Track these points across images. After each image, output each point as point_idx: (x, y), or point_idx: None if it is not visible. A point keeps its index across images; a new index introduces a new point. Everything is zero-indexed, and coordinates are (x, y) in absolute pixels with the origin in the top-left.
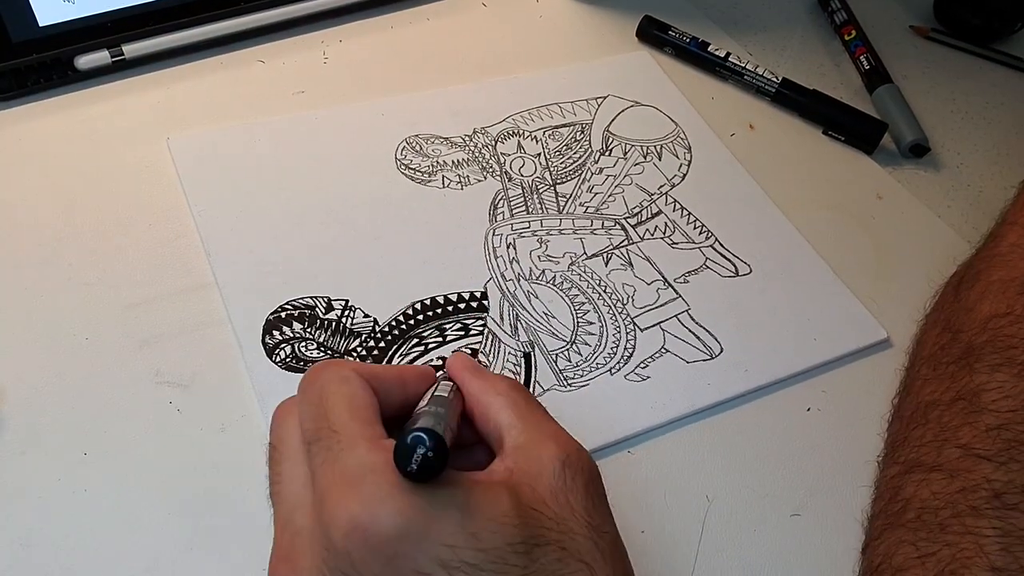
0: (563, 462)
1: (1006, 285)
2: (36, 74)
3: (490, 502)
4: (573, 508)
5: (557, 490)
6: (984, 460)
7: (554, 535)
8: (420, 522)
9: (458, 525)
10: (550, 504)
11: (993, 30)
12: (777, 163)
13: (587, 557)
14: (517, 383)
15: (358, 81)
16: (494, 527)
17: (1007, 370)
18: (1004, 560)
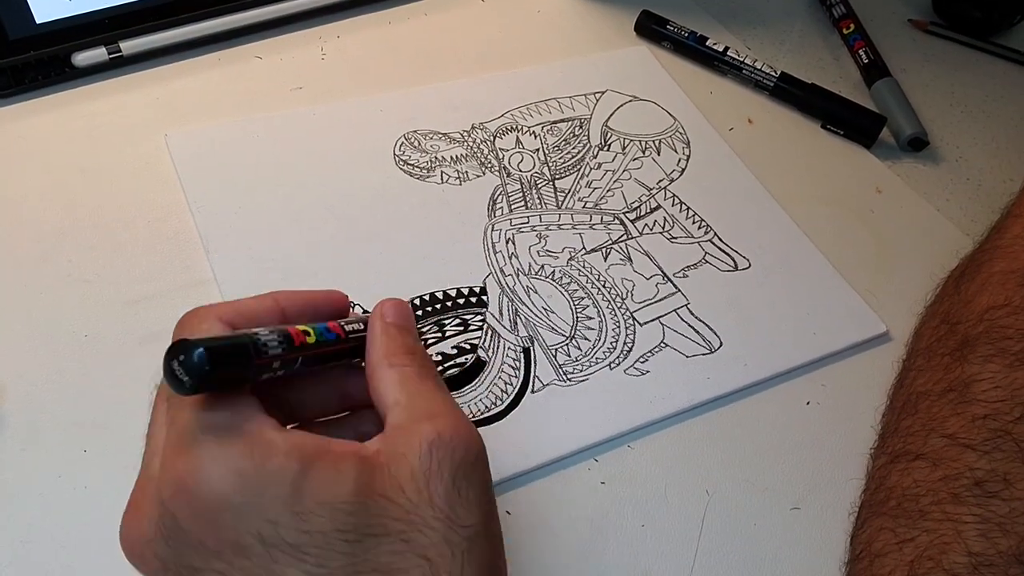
0: (432, 444)
1: (1006, 277)
2: (33, 71)
3: (328, 482)
4: (432, 497)
5: (419, 475)
6: (968, 449)
7: (398, 526)
8: (245, 492)
9: (285, 502)
10: (406, 490)
11: (992, 23)
12: (776, 157)
13: (431, 552)
14: (418, 356)
15: (356, 77)
16: (324, 511)
17: (999, 361)
18: (981, 545)
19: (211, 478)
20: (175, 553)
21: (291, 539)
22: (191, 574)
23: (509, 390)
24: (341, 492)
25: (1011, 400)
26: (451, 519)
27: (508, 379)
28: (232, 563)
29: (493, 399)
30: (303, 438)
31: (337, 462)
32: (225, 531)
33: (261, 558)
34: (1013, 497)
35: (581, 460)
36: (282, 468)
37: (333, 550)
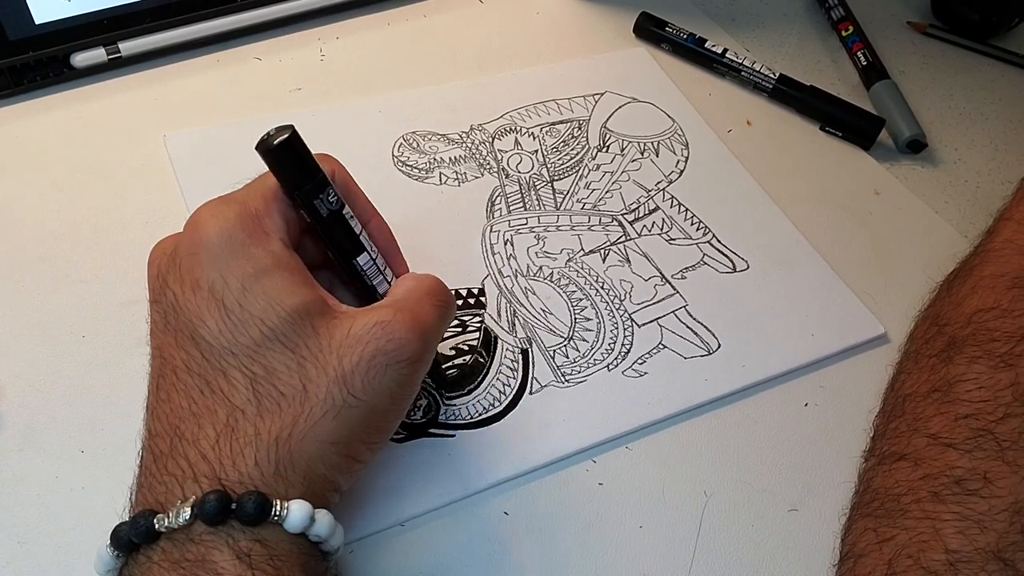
0: (378, 323)
1: (996, 280)
2: (32, 72)
3: (283, 288)
4: (343, 355)
5: (351, 336)
6: (950, 448)
7: (304, 352)
8: (222, 250)
9: (243, 275)
10: (332, 338)
11: (991, 26)
12: (775, 159)
13: (311, 387)
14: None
15: (355, 78)
16: (263, 300)
17: (985, 362)
18: (959, 543)
19: (213, 227)
20: (166, 267)
21: (227, 301)
22: (163, 285)
23: (507, 391)
24: (285, 300)
25: (994, 400)
26: (346, 381)
27: (506, 380)
28: (184, 292)
29: (491, 400)
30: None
31: (302, 284)
32: (196, 266)
33: (202, 300)
34: (992, 495)
35: (579, 461)
36: (258, 256)
37: (248, 331)
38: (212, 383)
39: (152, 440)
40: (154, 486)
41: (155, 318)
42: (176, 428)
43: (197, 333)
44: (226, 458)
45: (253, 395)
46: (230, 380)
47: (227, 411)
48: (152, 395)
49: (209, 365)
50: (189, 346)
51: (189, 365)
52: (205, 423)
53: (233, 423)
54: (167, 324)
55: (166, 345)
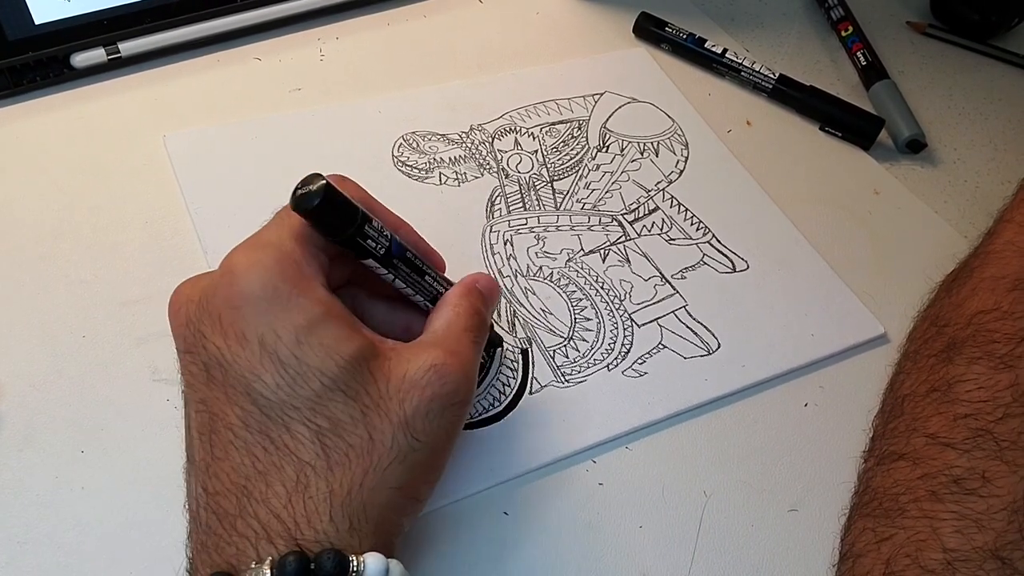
0: (434, 367)
1: (996, 282)
2: (32, 72)
3: (336, 337)
4: (404, 400)
5: (408, 380)
6: (948, 447)
7: (365, 399)
8: (269, 303)
9: (296, 327)
10: (391, 382)
11: (990, 25)
12: (774, 159)
13: (376, 434)
14: (477, 318)
15: (355, 78)
16: (320, 351)
17: (985, 363)
18: (957, 542)
19: (255, 277)
20: (199, 316)
21: (283, 354)
22: (199, 337)
23: (507, 391)
24: (342, 348)
25: (993, 401)
26: (408, 424)
27: (506, 380)
28: (230, 346)
29: (491, 400)
30: (339, 303)
31: (353, 331)
32: (239, 319)
33: (253, 353)
34: (991, 494)
35: (579, 461)
36: (308, 306)
37: (308, 383)
38: (276, 439)
39: (214, 499)
40: (223, 547)
41: (192, 370)
42: (242, 487)
43: (252, 388)
44: (300, 516)
45: (321, 449)
46: (294, 435)
47: (295, 467)
48: (205, 452)
49: (270, 421)
50: (244, 402)
51: (247, 421)
52: (273, 480)
53: (304, 480)
54: (211, 378)
55: (214, 400)
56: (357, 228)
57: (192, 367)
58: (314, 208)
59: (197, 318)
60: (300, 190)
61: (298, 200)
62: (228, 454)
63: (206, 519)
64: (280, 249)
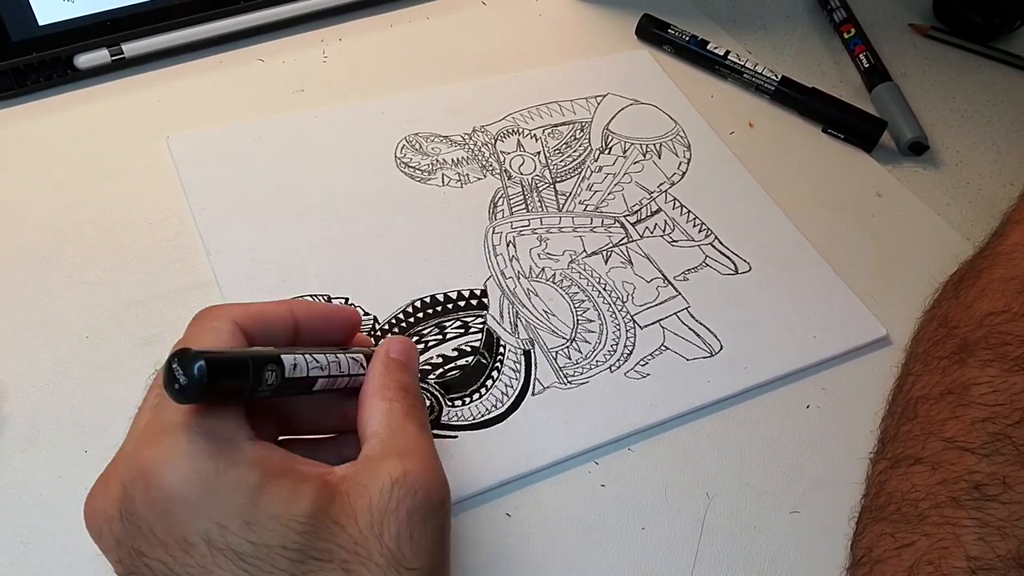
0: (395, 482)
1: (1006, 283)
2: (36, 73)
3: (285, 499)
4: (382, 533)
5: (375, 509)
6: (967, 452)
7: (342, 554)
8: (199, 493)
9: (237, 509)
10: (359, 521)
11: (993, 28)
12: (777, 161)
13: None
14: (409, 395)
15: (358, 79)
16: (274, 525)
17: (998, 365)
18: (980, 550)
19: (171, 471)
20: (128, 534)
21: (236, 546)
22: (137, 557)
23: (510, 392)
24: (294, 511)
25: (1010, 404)
26: (397, 558)
27: (509, 381)
28: (175, 557)
29: (493, 401)
30: (271, 453)
31: (298, 482)
32: (174, 525)
33: (203, 558)
34: (1012, 500)
35: (582, 463)
36: (242, 477)
37: (275, 565)
38: None
39: None
40: None
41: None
42: None
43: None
44: None
45: None
46: None
47: None
48: None
49: None
50: None
51: None
52: None
53: None
54: None
55: None
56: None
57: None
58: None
59: (127, 536)
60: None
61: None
62: None
63: None
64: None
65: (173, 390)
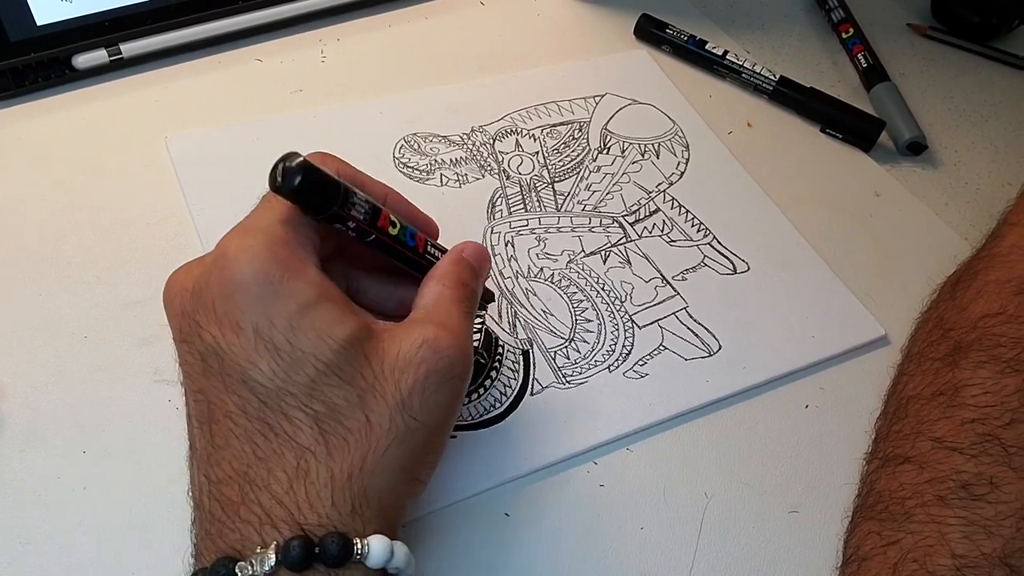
0: (425, 342)
1: (1002, 286)
2: (34, 73)
3: (330, 320)
4: (399, 380)
5: (401, 358)
6: (956, 452)
7: (361, 383)
8: (261, 290)
9: (288, 313)
10: (385, 364)
11: (991, 28)
12: (775, 161)
13: (374, 417)
14: (465, 290)
15: (356, 79)
16: (313, 336)
17: (991, 367)
18: (965, 548)
19: (245, 263)
20: (193, 305)
21: (277, 341)
22: (194, 327)
23: (508, 392)
24: (335, 332)
25: (1000, 406)
26: (405, 404)
27: (507, 381)
28: (224, 335)
29: (492, 401)
30: (331, 284)
31: (347, 312)
32: (233, 308)
33: (247, 341)
34: (999, 500)
35: (580, 463)
36: (300, 290)
37: (303, 369)
38: (274, 426)
39: (216, 487)
40: (226, 533)
41: (189, 360)
42: (243, 474)
43: (249, 376)
44: (303, 502)
45: (319, 434)
46: (292, 421)
47: (295, 453)
48: (205, 441)
49: (267, 408)
50: (242, 390)
51: (245, 409)
52: (274, 467)
53: (304, 465)
54: (208, 368)
55: (212, 389)
56: (341, 204)
57: (188, 356)
58: (295, 188)
59: (192, 308)
60: (279, 170)
61: (278, 182)
62: (228, 442)
63: (209, 506)
64: (269, 233)
65: (273, 180)
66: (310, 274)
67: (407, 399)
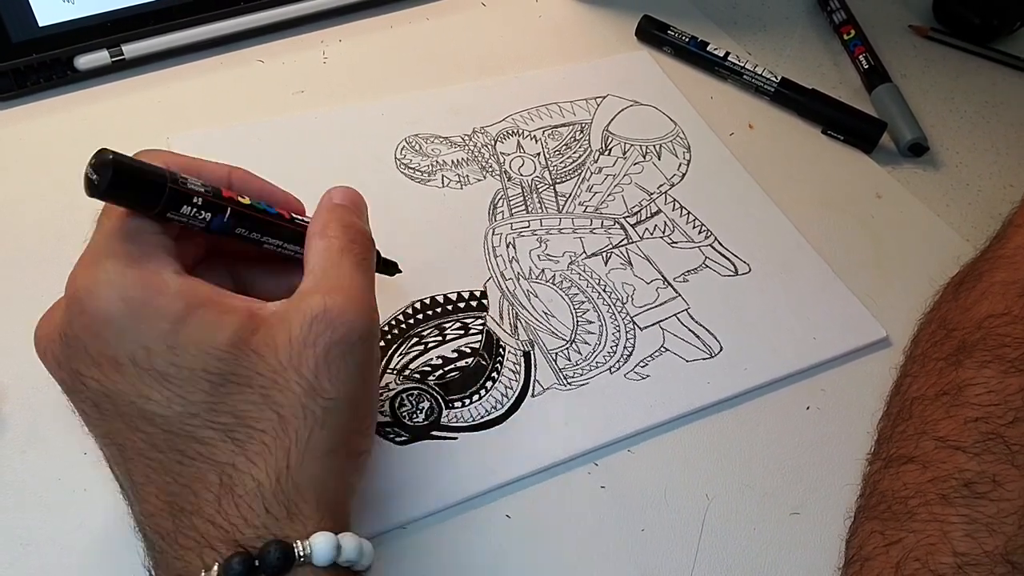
0: (315, 317)
1: (1007, 287)
2: (36, 74)
3: (207, 328)
4: (300, 365)
5: (295, 342)
6: (959, 451)
7: (261, 381)
8: (126, 318)
9: (161, 334)
10: (279, 352)
11: (992, 29)
12: (776, 162)
13: (285, 411)
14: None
15: (358, 81)
16: (195, 351)
17: (995, 367)
18: (967, 546)
19: (101, 296)
20: (67, 355)
21: (160, 367)
22: (76, 377)
23: (509, 394)
24: (216, 339)
25: (1004, 405)
26: (313, 388)
27: (508, 383)
28: (107, 375)
29: (493, 403)
30: (198, 285)
31: (222, 313)
32: (105, 345)
33: (131, 376)
34: (1001, 498)
35: (581, 464)
36: (166, 306)
37: (197, 387)
38: (187, 451)
39: (151, 520)
40: (171, 563)
41: (84, 408)
42: (171, 504)
43: (146, 410)
44: (235, 517)
45: (234, 445)
46: (204, 442)
47: (216, 471)
48: (126, 481)
49: (175, 436)
50: (144, 425)
51: (154, 443)
52: (199, 489)
53: (228, 481)
54: (103, 412)
55: (115, 432)
56: (171, 195)
57: (82, 405)
58: (111, 183)
59: (66, 357)
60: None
61: (89, 183)
62: (148, 477)
63: (152, 538)
64: (114, 256)
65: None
66: (171, 285)
67: (314, 382)
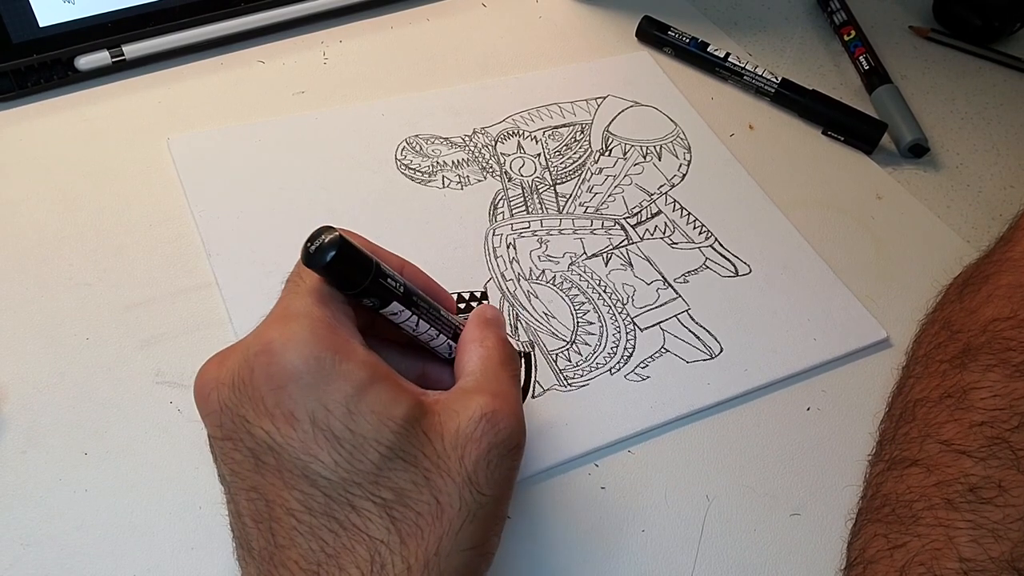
0: (484, 415)
1: (1014, 290)
2: (37, 74)
3: (386, 400)
4: (463, 456)
5: (461, 434)
6: (964, 455)
7: (426, 463)
8: (314, 376)
9: (345, 397)
10: (445, 440)
11: (993, 30)
12: (777, 163)
13: (443, 497)
14: (507, 347)
15: (358, 81)
16: (372, 419)
17: (1000, 370)
18: (973, 551)
19: (294, 352)
20: (236, 401)
21: (336, 430)
22: (240, 423)
23: None
24: (393, 412)
25: (1009, 409)
26: (472, 481)
27: None
28: (279, 428)
29: None
30: (379, 360)
31: (400, 390)
32: (286, 399)
33: (305, 434)
34: (1007, 504)
35: (581, 465)
36: (353, 371)
37: (366, 455)
38: (342, 520)
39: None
40: None
41: (236, 457)
42: (314, 573)
43: (310, 470)
44: None
45: (391, 523)
46: (361, 513)
47: (367, 547)
48: (264, 541)
49: (333, 502)
50: (304, 485)
51: (309, 505)
52: (346, 563)
53: (379, 559)
54: (261, 465)
55: (268, 487)
56: (374, 277)
57: (235, 454)
58: (329, 262)
59: (234, 403)
60: (311, 245)
61: (311, 255)
62: (293, 541)
63: None
64: (310, 316)
65: (307, 255)
66: (359, 354)
67: (473, 475)
